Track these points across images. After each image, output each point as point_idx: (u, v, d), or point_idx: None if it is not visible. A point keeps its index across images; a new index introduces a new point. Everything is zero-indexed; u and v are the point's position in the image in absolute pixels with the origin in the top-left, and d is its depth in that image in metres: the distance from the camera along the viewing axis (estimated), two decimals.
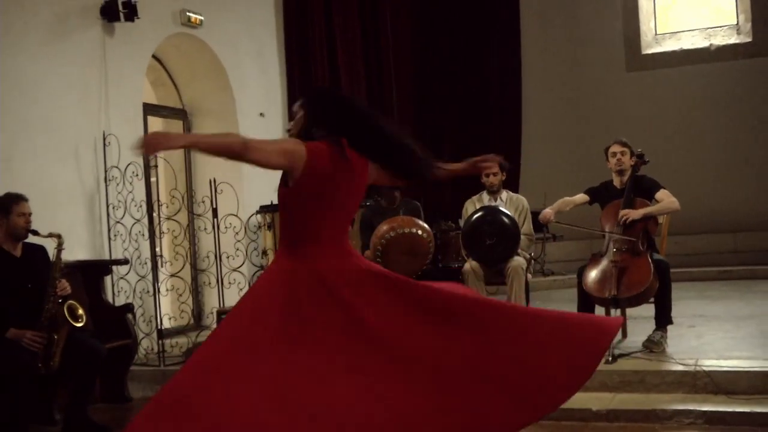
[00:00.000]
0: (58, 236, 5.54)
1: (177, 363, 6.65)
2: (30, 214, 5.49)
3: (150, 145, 3.15)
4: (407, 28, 11.68)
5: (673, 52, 12.14)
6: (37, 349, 5.29)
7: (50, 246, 5.61)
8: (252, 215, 8.03)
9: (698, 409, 4.94)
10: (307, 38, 9.69)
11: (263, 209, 8.21)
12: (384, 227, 6.45)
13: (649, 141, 7.00)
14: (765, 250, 11.08)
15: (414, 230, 6.42)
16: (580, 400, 4.77)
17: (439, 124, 11.93)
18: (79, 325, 5.47)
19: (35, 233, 5.52)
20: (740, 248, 11.40)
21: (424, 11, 12.08)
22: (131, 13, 7.10)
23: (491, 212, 6.53)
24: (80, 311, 5.53)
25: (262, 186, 7.88)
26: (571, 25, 12.32)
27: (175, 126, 8.78)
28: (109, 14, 7.09)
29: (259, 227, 8.25)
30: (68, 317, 5.41)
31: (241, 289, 7.07)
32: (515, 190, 8.35)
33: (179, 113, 8.81)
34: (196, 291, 7.93)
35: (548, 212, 6.33)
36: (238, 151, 3.29)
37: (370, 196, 8.47)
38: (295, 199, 3.41)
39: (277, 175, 3.43)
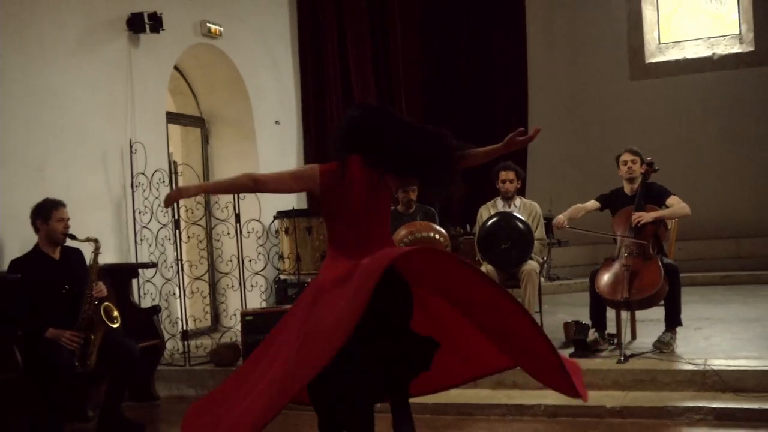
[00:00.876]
0: (96, 240, 5.77)
1: (201, 363, 6.88)
2: (68, 219, 5.73)
3: (169, 198, 3.87)
4: (416, 42, 11.93)
5: (677, 62, 12.38)
6: (75, 348, 5.53)
7: (87, 250, 5.84)
8: (271, 222, 8.24)
9: (708, 405, 5.17)
10: (320, 49, 9.95)
11: (280, 215, 8.44)
12: (403, 231, 6.66)
13: (652, 148, 7.20)
14: (766, 256, 11.34)
15: (432, 234, 6.64)
16: (594, 397, 5.04)
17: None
18: (115, 326, 5.70)
19: (73, 237, 5.76)
20: (743, 254, 11.65)
21: (432, 26, 12.31)
22: (156, 25, 7.35)
23: (506, 218, 6.76)
24: (115, 313, 5.77)
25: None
26: (576, 35, 12.55)
27: (194, 133, 9.03)
28: (134, 26, 7.33)
29: (277, 232, 8.47)
30: (104, 318, 5.64)
31: (262, 292, 7.31)
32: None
33: (197, 121, 9.05)
34: (213, 294, 8.18)
35: (561, 219, 6.57)
36: (251, 187, 3.94)
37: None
38: (323, 214, 3.96)
39: None
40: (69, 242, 5.79)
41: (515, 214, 6.89)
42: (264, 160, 9.02)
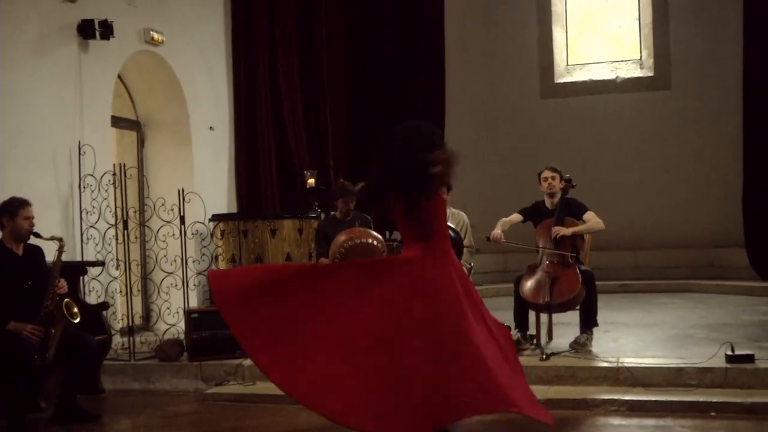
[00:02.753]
0: (60, 239, 6.05)
1: (146, 357, 7.19)
2: (33, 218, 5.98)
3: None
4: (341, 52, 12.34)
5: (583, 82, 13.23)
6: (35, 341, 5.78)
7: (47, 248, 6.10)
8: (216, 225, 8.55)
9: (621, 398, 5.80)
10: (252, 57, 10.31)
11: (216, 218, 8.76)
12: (342, 237, 7.09)
13: (559, 163, 7.79)
14: (661, 267, 12.25)
15: (370, 240, 7.08)
16: None
17: (366, 140, 12.58)
18: (76, 321, 5.98)
19: (37, 236, 6.01)
20: (639, 265, 12.53)
21: (355, 41, 12.72)
22: (107, 32, 7.62)
23: None
24: (75, 309, 6.05)
25: (216, 197, 8.48)
26: (491, 55, 13.23)
27: (129, 136, 9.28)
28: (85, 32, 7.58)
29: (212, 235, 8.77)
30: (66, 314, 5.92)
31: (205, 291, 7.64)
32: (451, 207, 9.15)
33: (134, 125, 9.30)
34: (145, 292, 8.46)
35: (498, 233, 7.15)
36: None
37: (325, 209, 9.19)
38: None
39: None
40: (33, 240, 6.03)
41: (447, 223, 7.42)
42: (198, 164, 9.35)
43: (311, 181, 10.03)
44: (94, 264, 7.19)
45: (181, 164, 9.16)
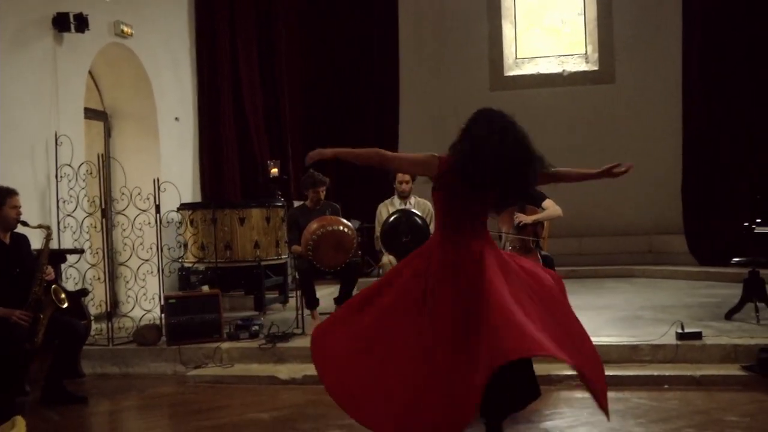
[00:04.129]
0: (48, 227, 6.26)
1: (124, 342, 7.42)
2: (20, 207, 6.17)
3: (310, 157, 4.46)
4: (298, 49, 12.62)
5: (531, 76, 13.70)
6: (25, 326, 5.99)
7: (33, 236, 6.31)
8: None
9: None
10: (215, 51, 10.57)
11: (185, 206, 8.99)
12: (314, 225, 7.44)
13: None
14: (605, 253, 12.79)
15: (341, 228, 7.46)
16: None
17: (324, 131, 12.92)
18: (64, 306, 6.20)
19: (25, 224, 6.22)
20: (584, 251, 13.06)
21: (312, 38, 13.05)
22: (82, 26, 7.81)
23: (407, 215, 7.66)
24: (63, 295, 6.27)
25: (181, 186, 8.72)
26: (443, 49, 13.63)
27: (96, 127, 9.44)
28: (60, 25, 7.75)
29: (181, 223, 9.02)
30: (54, 299, 6.14)
31: (167, 278, 7.87)
32: (390, 197, 9.54)
33: (100, 115, 9.47)
34: (112, 279, 8.67)
35: None
36: (377, 160, 4.47)
37: (287, 197, 9.50)
38: (435, 201, 4.51)
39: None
40: (19, 228, 6.23)
41: (413, 210, 7.81)
42: (164, 154, 9.57)
43: (274, 171, 10.33)
44: (73, 251, 7.39)
45: (147, 154, 9.37)
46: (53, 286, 6.22)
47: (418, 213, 7.76)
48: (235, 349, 7.19)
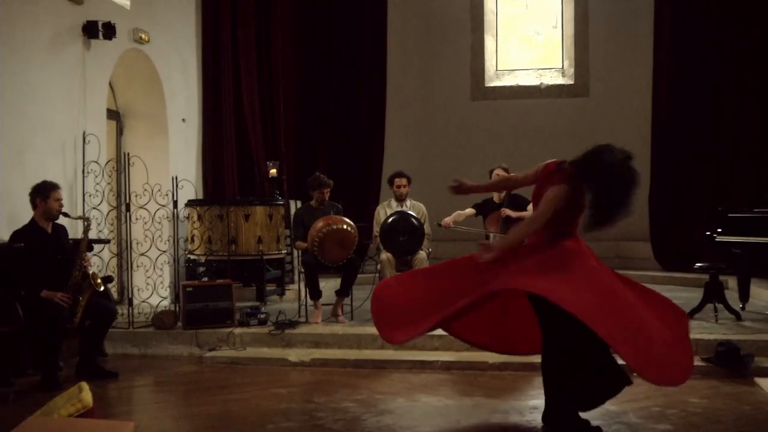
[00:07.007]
0: (87, 219, 6.94)
1: (143, 326, 8.09)
2: (62, 199, 6.84)
3: (456, 190, 5.57)
4: (293, 56, 13.30)
5: (511, 87, 14.47)
6: (66, 306, 6.66)
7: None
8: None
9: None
10: (218, 56, 11.21)
11: (192, 203, 9.65)
12: (320, 223, 8.17)
13: (486, 163, 8.88)
14: None
15: (345, 227, 8.19)
16: (480, 355, 6.76)
17: (315, 135, 13.64)
18: (101, 290, 6.88)
19: (66, 215, 6.89)
20: None
21: (305, 45, 13.72)
22: (110, 33, 8.47)
23: (403, 216, 8.43)
24: (99, 280, 6.95)
25: (186, 183, 9.40)
26: (428, 59, 14.35)
27: (109, 125, 10.06)
28: (89, 32, 8.41)
29: (188, 217, 9.67)
30: (92, 283, 6.82)
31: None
32: (376, 202, 10.31)
33: (113, 114, 10.10)
34: (121, 268, 9.31)
35: (448, 221, 8.37)
36: (502, 186, 6.47)
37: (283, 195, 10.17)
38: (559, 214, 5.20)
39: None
40: (60, 219, 6.90)
41: (410, 212, 8.57)
42: (172, 152, 10.23)
43: (273, 171, 11.02)
44: (100, 242, 8.04)
45: (157, 152, 10.00)
46: (91, 271, 6.89)
47: (414, 215, 8.52)
48: (246, 334, 7.91)
